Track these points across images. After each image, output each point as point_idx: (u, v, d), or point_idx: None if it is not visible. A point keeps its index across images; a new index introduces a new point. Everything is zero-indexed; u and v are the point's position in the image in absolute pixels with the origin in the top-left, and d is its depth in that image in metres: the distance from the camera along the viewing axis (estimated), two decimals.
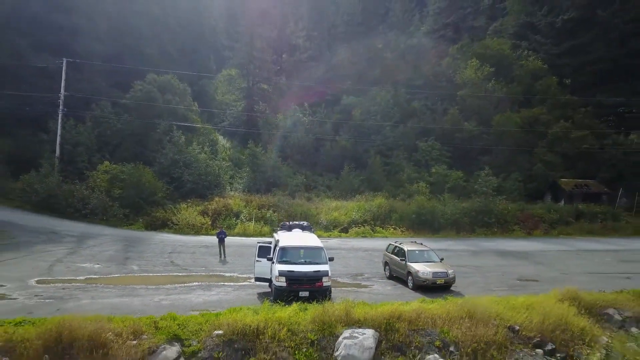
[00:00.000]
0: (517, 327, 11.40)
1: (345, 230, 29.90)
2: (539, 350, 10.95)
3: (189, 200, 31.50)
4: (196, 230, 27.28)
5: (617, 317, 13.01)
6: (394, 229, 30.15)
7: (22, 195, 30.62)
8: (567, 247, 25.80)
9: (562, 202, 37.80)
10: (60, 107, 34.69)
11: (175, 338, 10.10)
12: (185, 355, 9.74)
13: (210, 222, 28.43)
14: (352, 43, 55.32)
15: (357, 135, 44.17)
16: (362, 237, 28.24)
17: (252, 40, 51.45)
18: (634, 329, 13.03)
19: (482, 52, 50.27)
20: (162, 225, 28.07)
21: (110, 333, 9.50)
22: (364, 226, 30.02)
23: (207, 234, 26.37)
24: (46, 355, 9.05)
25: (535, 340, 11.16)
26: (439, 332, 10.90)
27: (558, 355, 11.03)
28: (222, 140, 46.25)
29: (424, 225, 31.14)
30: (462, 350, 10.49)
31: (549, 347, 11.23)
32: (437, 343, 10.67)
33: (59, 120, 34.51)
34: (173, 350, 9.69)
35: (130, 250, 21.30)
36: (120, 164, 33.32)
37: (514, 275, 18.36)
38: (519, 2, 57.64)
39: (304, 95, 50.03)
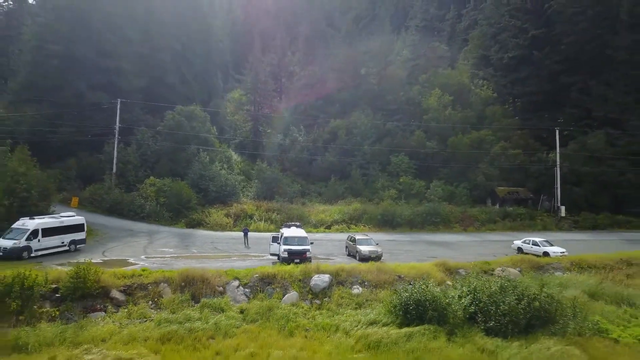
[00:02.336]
0: (402, 275, 22.81)
1: (328, 227, 41.36)
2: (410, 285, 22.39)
3: (215, 206, 42.97)
4: (223, 228, 38.68)
5: (463, 272, 24.48)
6: (364, 226, 41.62)
7: (93, 202, 42.06)
8: (480, 239, 37.37)
9: (497, 205, 49.41)
10: (116, 135, 46.05)
11: (236, 278, 21.51)
12: (242, 284, 21.19)
13: (232, 222, 39.85)
14: (339, 72, 66.62)
15: (341, 152, 55.59)
16: (340, 232, 39.57)
17: (258, 73, 62.81)
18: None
19: (445, 82, 61.84)
20: (198, 224, 39.46)
21: (209, 274, 20.94)
22: (342, 224, 41.52)
23: (231, 231, 37.78)
24: (182, 283, 20.49)
25: (410, 281, 22.58)
26: (361, 277, 22.32)
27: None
28: (235, 156, 57.63)
29: (387, 223, 42.59)
30: (371, 285, 21.94)
31: (417, 280, 22.56)
32: (359, 281, 22.11)
33: (115, 145, 45.84)
34: (237, 282, 21.12)
35: (185, 240, 32.78)
36: (161, 178, 44.72)
37: (427, 255, 29.76)
38: (481, 36, 69.24)
39: (301, 118, 61.61)
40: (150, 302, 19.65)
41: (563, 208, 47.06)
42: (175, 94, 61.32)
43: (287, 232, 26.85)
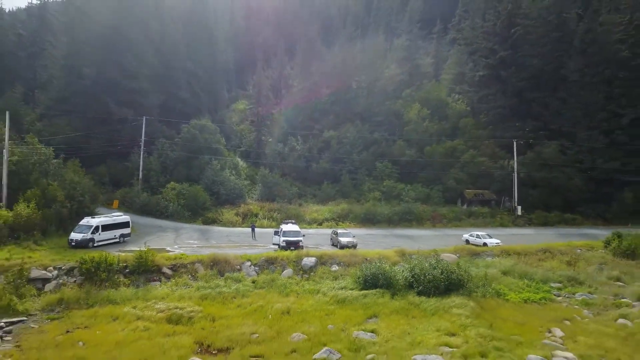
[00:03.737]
0: (368, 258, 31.35)
1: (320, 224, 49.86)
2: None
3: (225, 207, 51.51)
4: (234, 224, 47.22)
5: (414, 257, 32.99)
6: (349, 223, 50.15)
7: (124, 203, 50.64)
8: (442, 234, 45.90)
9: (465, 205, 57.97)
10: (142, 147, 54.58)
11: (248, 260, 30.10)
12: (253, 264, 29.78)
13: (241, 220, 48.40)
14: (333, 87, 75.10)
15: (333, 159, 64.12)
16: (329, 228, 47.90)
17: (260, 89, 71.36)
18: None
19: (425, 96, 70.38)
20: (213, 222, 47.99)
21: (229, 257, 29.53)
22: (331, 222, 50.06)
23: (240, 227, 46.31)
24: (211, 263, 29.10)
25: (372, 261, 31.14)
26: (338, 259, 30.88)
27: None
28: (241, 162, 66.13)
29: (369, 220, 51.07)
30: (345, 264, 30.52)
31: (377, 261, 31.16)
32: (337, 262, 30.66)
33: (141, 155, 54.41)
34: (249, 263, 29.71)
35: (205, 234, 41.36)
36: (179, 182, 53.21)
37: (394, 245, 38.14)
38: (459, 54, 77.67)
39: (298, 128, 70.12)
40: (189, 276, 28.27)
41: (519, 208, 55.54)
42: (187, 106, 70.29)
43: (285, 227, 35.52)
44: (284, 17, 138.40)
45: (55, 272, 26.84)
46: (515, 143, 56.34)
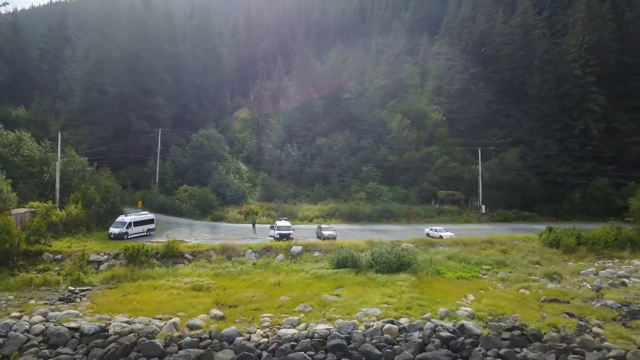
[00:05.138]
0: (343, 246, 40.24)
1: (311, 220, 58.69)
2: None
3: (230, 206, 60.46)
4: (237, 221, 56.13)
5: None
6: (336, 220, 59.08)
7: (144, 203, 59.64)
8: (411, 228, 54.75)
9: (437, 204, 66.87)
10: (158, 155, 63.71)
11: (250, 248, 39.07)
12: (253, 251, 38.75)
13: (243, 217, 57.32)
14: (325, 98, 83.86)
15: (324, 163, 73.00)
16: (318, 224, 56.98)
17: (260, 101, 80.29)
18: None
19: (407, 107, 79.21)
20: (220, 219, 56.88)
21: (235, 245, 38.51)
22: (320, 219, 58.95)
23: (243, 223, 55.26)
24: (218, 249, 38.09)
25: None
26: (319, 247, 39.78)
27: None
28: (243, 166, 75.12)
29: (352, 218, 59.94)
30: (324, 251, 39.44)
31: (348, 249, 40.04)
32: (318, 250, 39.55)
33: (157, 162, 63.47)
34: (250, 250, 38.67)
35: (214, 229, 50.35)
36: (190, 185, 62.16)
37: (367, 237, 47.03)
38: (438, 68, 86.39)
39: (294, 134, 78.99)
40: (205, 260, 37.27)
41: (484, 206, 64.42)
42: (196, 117, 79.42)
43: (279, 223, 44.52)
44: (282, 27, 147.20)
45: (106, 256, 35.93)
46: (480, 150, 65.16)
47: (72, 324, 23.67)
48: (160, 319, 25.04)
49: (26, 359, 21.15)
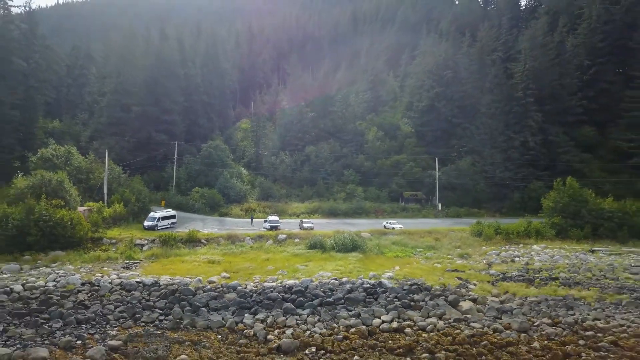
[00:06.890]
0: (320, 237, 54.83)
1: (298, 216, 73.34)
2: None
3: (233, 205, 75.20)
4: (239, 216, 70.89)
5: (345, 234, 56.41)
6: (318, 215, 73.67)
7: (166, 202, 74.47)
8: (376, 222, 69.22)
9: (403, 203, 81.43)
10: (175, 163, 78.55)
11: (248, 235, 53.77)
12: (251, 238, 53.44)
13: (244, 214, 72.07)
14: (315, 111, 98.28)
15: (312, 168, 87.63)
16: (303, 218, 71.57)
17: (259, 114, 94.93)
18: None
19: (382, 121, 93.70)
20: (225, 215, 71.64)
21: (238, 234, 53.25)
22: (305, 215, 73.58)
23: (244, 218, 70.00)
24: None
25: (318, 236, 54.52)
26: (299, 236, 54.40)
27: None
28: (244, 171, 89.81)
29: (332, 214, 74.52)
30: (303, 238, 54.06)
31: (320, 236, 54.56)
32: (299, 237, 54.18)
33: (174, 168, 78.34)
34: (248, 237, 53.41)
35: (221, 223, 65.11)
36: (201, 187, 76.94)
37: (338, 228, 61.62)
38: (412, 86, 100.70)
39: (288, 142, 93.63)
40: (216, 244, 52.01)
41: (440, 204, 78.90)
42: (204, 128, 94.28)
43: (270, 217, 59.43)
44: (280, 40, 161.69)
45: (146, 241, 50.75)
46: (437, 159, 79.64)
47: (137, 280, 38.45)
48: (190, 278, 39.80)
49: (114, 296, 35.88)
